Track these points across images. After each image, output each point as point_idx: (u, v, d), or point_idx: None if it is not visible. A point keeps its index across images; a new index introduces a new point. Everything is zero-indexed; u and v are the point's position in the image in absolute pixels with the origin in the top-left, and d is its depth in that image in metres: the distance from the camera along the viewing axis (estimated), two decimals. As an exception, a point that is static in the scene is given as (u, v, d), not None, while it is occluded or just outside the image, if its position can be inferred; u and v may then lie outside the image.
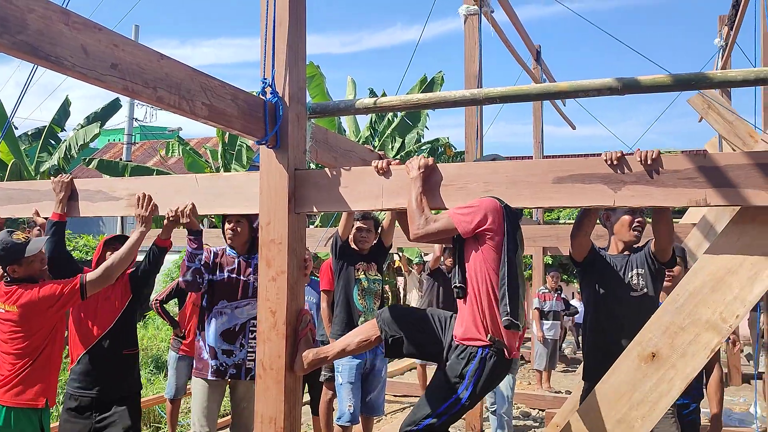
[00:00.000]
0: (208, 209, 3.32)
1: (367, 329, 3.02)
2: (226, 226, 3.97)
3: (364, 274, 4.67)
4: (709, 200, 2.43)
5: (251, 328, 3.84)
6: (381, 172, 2.94)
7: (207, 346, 3.90)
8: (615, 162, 2.58)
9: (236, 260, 3.96)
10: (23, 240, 3.28)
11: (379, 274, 4.79)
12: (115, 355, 3.62)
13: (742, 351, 9.79)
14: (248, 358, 3.84)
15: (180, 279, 3.86)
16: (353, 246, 4.67)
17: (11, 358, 3.22)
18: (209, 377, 3.88)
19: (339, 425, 4.64)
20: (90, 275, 3.29)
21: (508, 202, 2.72)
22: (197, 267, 3.74)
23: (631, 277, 3.39)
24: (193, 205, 3.28)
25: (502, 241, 2.67)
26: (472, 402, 2.69)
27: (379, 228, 4.80)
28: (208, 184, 3.25)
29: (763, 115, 5.63)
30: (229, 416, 4.50)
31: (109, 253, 3.71)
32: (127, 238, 3.85)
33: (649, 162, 2.52)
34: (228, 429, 4.29)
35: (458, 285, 2.75)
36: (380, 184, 2.92)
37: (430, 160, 2.86)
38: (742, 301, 2.54)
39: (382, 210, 2.98)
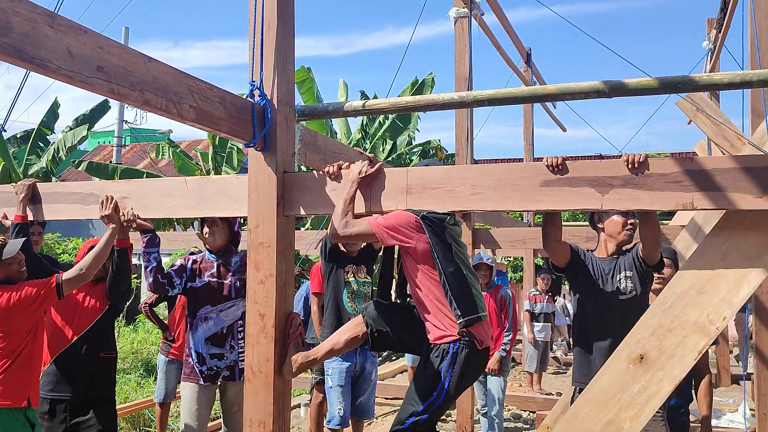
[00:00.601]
0: (197, 212, 3.30)
1: (353, 326, 3.06)
2: (204, 229, 3.96)
3: (354, 276, 4.66)
4: (696, 203, 2.44)
5: (239, 329, 3.86)
6: (333, 176, 2.97)
7: (194, 352, 3.89)
8: (558, 167, 2.64)
9: (215, 264, 3.94)
10: None
11: (368, 277, 4.79)
12: (92, 358, 3.63)
13: (731, 352, 9.84)
14: (240, 358, 3.86)
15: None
16: (342, 249, 4.66)
17: None
18: (201, 383, 3.88)
19: (329, 428, 4.63)
20: (66, 274, 3.30)
21: (495, 205, 2.74)
22: (153, 266, 3.75)
23: (619, 280, 3.39)
24: (132, 211, 3.33)
25: (429, 249, 2.78)
26: (448, 397, 2.78)
27: None
28: (197, 187, 3.24)
29: (751, 118, 5.65)
30: (219, 420, 4.49)
31: None
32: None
33: (636, 165, 2.53)
34: (219, 433, 4.28)
35: (402, 290, 3.00)
36: (367, 186, 2.92)
37: (374, 168, 2.89)
38: (729, 303, 2.55)
39: (370, 213, 2.97)
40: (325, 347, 3.07)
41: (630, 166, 2.55)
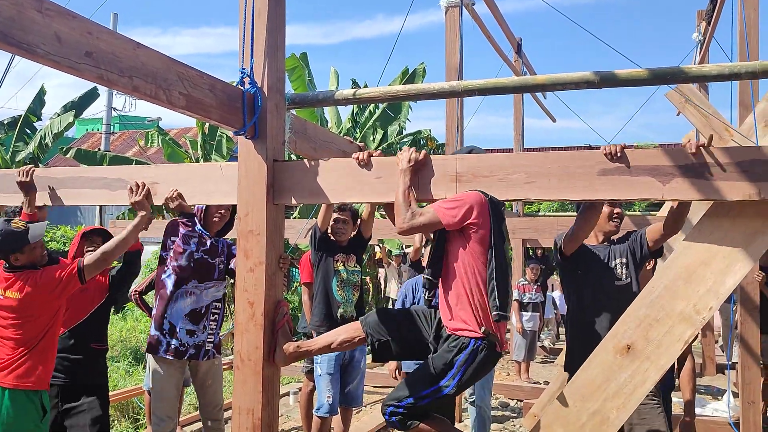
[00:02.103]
0: (232, 199, 3.18)
1: (350, 330, 3.02)
2: (213, 209, 3.91)
3: (343, 265, 4.66)
4: (763, 194, 2.43)
5: (213, 311, 3.90)
6: (362, 163, 2.93)
7: (168, 323, 3.81)
8: (617, 155, 2.57)
9: (209, 241, 3.93)
10: (22, 228, 3.21)
11: (358, 266, 4.79)
12: (83, 349, 3.64)
13: (717, 342, 9.95)
14: (208, 339, 3.90)
15: (174, 264, 3.83)
16: (332, 238, 4.66)
17: (11, 343, 3.17)
18: (166, 356, 3.80)
19: (318, 416, 4.64)
20: (87, 259, 3.25)
21: (551, 194, 2.66)
22: (192, 250, 3.80)
23: (615, 266, 3.44)
24: (177, 191, 3.30)
25: (488, 234, 2.69)
26: (457, 391, 2.73)
27: (358, 219, 4.80)
28: (233, 173, 3.13)
29: (739, 110, 5.69)
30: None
31: (87, 246, 3.70)
32: (105, 230, 3.84)
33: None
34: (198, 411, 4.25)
35: (427, 277, 2.84)
36: (359, 175, 2.92)
37: (421, 155, 2.83)
38: (715, 293, 2.58)
39: (360, 202, 2.97)
40: (320, 343, 3.05)
41: (693, 150, 2.51)
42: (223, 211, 4.00)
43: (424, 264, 3.34)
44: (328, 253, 4.64)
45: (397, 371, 4.48)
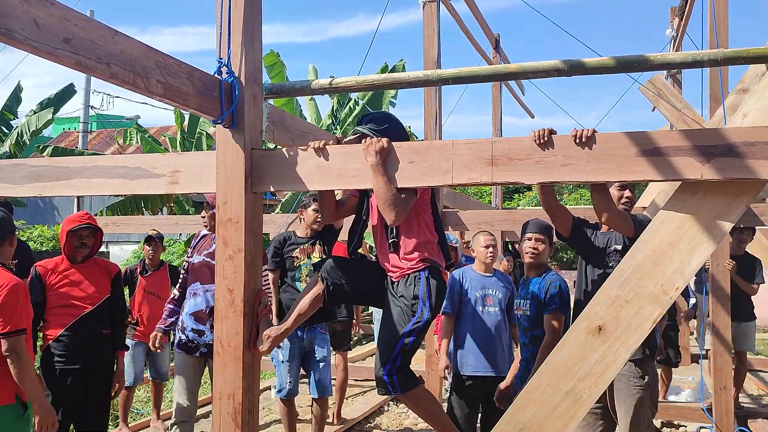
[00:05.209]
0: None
1: (312, 285, 3.19)
2: (201, 213, 4.36)
3: (308, 257, 4.76)
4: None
5: None
6: (319, 153, 2.93)
7: (181, 319, 4.29)
8: (544, 140, 2.64)
9: (213, 244, 4.10)
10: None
11: (325, 256, 4.84)
12: (97, 334, 3.89)
13: (692, 333, 10.13)
14: None
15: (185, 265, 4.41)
16: (289, 240, 4.91)
17: None
18: (177, 349, 4.27)
19: (282, 399, 4.84)
20: (9, 350, 2.98)
21: (588, 176, 2.66)
22: (194, 253, 4.37)
23: (609, 253, 3.55)
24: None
25: (430, 194, 3.19)
26: (432, 315, 3.03)
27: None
28: None
29: (710, 104, 5.82)
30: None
31: (75, 242, 3.85)
32: (94, 226, 3.99)
33: (583, 140, 2.60)
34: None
35: (393, 239, 3.08)
36: (339, 163, 2.95)
37: (385, 142, 2.82)
38: (681, 273, 2.65)
39: (338, 189, 3.01)
40: (293, 315, 3.15)
41: (578, 141, 2.61)
42: (207, 212, 4.19)
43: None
44: (288, 254, 4.85)
45: (446, 370, 4.45)
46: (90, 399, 3.85)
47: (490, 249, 4.42)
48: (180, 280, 4.43)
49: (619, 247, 3.54)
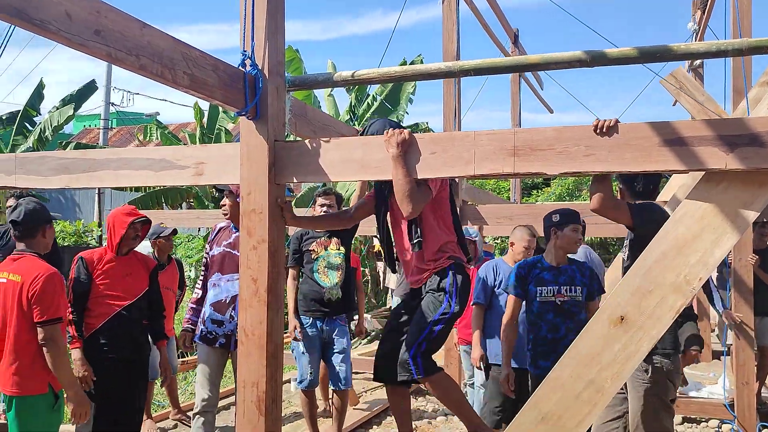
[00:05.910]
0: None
1: (392, 401, 3.40)
2: (223, 200, 4.37)
3: (325, 249, 4.79)
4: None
5: None
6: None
7: (203, 311, 4.36)
8: (609, 127, 2.59)
9: (233, 235, 4.17)
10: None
11: (342, 248, 4.89)
12: (139, 324, 3.96)
13: (713, 330, 10.04)
14: (236, 330, 4.03)
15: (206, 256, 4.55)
16: (306, 236, 4.94)
17: None
18: (198, 341, 4.33)
19: (303, 390, 4.91)
20: (48, 339, 3.16)
21: (610, 167, 2.64)
22: (213, 244, 4.46)
23: (624, 247, 3.58)
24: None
25: (449, 193, 3.27)
26: (461, 308, 3.16)
27: (342, 203, 4.99)
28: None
29: (732, 97, 5.77)
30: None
31: (132, 234, 3.92)
32: (150, 221, 4.13)
33: (605, 130, 2.60)
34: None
35: (418, 239, 3.15)
36: (361, 154, 2.98)
37: (407, 133, 2.84)
38: (704, 264, 2.64)
39: (363, 180, 3.04)
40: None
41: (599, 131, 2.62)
42: (226, 200, 4.24)
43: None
44: (305, 247, 4.91)
45: (481, 360, 4.48)
46: (129, 389, 3.90)
47: (528, 251, 4.49)
48: (201, 279, 4.50)
49: (627, 241, 3.56)
